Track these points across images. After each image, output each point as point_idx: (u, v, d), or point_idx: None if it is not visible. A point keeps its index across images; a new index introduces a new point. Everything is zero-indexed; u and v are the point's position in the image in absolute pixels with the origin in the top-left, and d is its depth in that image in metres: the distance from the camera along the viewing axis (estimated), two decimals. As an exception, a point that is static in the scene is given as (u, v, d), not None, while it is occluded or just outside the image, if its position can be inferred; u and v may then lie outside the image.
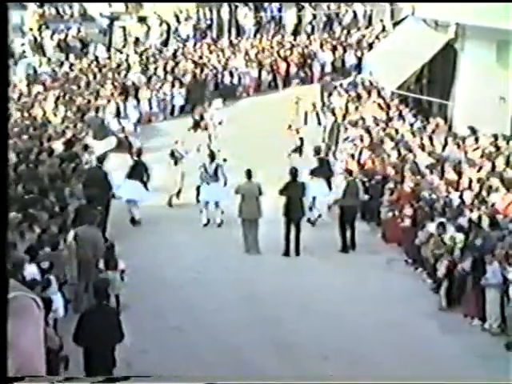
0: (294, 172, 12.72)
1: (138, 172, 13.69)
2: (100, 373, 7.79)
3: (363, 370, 8.67)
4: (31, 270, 9.08)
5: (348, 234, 12.83)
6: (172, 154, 14.97)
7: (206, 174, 13.65)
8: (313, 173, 13.78)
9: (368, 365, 8.89)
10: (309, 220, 13.61)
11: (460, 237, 10.84)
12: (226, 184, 13.71)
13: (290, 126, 17.67)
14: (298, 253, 12.61)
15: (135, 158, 14.04)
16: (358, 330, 9.90)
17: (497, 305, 9.86)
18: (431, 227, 11.53)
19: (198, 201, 14.08)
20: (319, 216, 13.85)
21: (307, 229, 13.00)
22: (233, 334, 9.78)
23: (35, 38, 25.04)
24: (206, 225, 13.70)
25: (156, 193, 14.26)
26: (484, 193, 12.22)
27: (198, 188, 13.95)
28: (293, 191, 12.52)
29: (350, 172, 13.30)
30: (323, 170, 13.90)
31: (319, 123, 18.12)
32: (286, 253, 12.57)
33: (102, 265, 10.30)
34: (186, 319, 10.24)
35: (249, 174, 12.78)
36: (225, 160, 14.64)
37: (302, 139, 16.21)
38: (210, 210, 13.77)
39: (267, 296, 10.99)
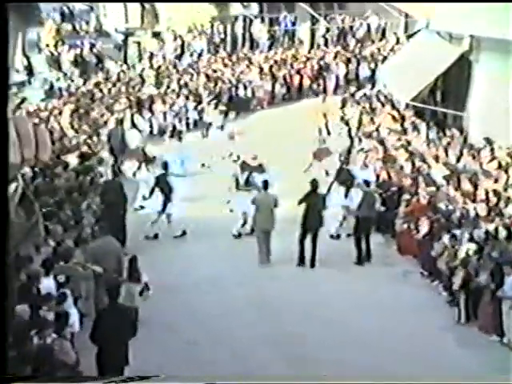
0: (314, 183, 12.70)
1: (163, 184, 13.81)
2: (113, 371, 7.99)
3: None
4: (47, 284, 9.12)
5: (363, 245, 12.77)
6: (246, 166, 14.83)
7: (237, 184, 13.94)
8: (340, 182, 13.83)
9: (384, 378, 8.81)
10: (334, 236, 13.69)
11: (474, 248, 10.74)
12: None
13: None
14: (313, 264, 12.57)
15: (162, 171, 14.19)
16: (373, 342, 9.82)
17: (514, 318, 9.75)
18: (447, 239, 11.45)
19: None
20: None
21: (322, 240, 12.96)
22: (243, 344, 9.75)
23: (52, 54, 25.36)
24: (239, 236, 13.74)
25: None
26: (501, 204, 12.12)
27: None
28: (312, 201, 12.48)
29: (367, 183, 13.26)
30: (347, 179, 13.90)
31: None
32: (301, 261, 12.56)
33: (124, 276, 10.36)
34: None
35: (265, 184, 12.79)
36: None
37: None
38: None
39: (280, 307, 10.96)
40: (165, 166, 14.28)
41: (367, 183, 13.22)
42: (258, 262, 12.60)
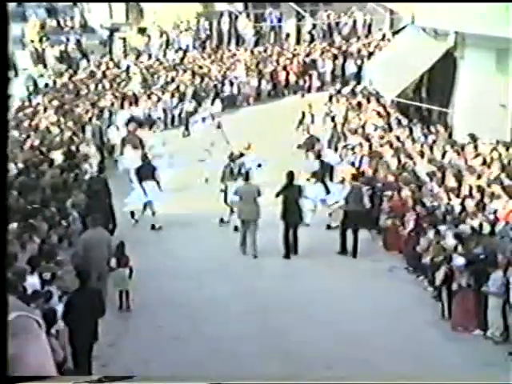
0: (290, 175, 12.88)
1: (148, 173, 14.05)
2: (83, 346, 8.54)
3: (366, 379, 8.63)
4: (32, 281, 9.08)
5: (350, 240, 12.85)
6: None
7: (231, 175, 14.09)
8: (313, 175, 14.03)
9: (370, 373, 8.86)
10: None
11: (458, 244, 10.80)
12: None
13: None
14: (296, 252, 12.75)
15: (141, 161, 14.48)
16: (359, 337, 9.87)
17: (498, 313, 9.81)
18: (432, 235, 11.52)
19: (226, 202, 14.17)
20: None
21: (308, 234, 13.06)
22: (231, 337, 9.77)
23: (36, 50, 25.17)
24: (236, 229, 13.67)
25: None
26: (486, 200, 12.20)
27: (225, 190, 14.16)
28: (289, 193, 12.69)
29: (354, 177, 13.34)
30: (323, 173, 14.16)
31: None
32: (287, 255, 12.70)
33: (113, 263, 10.78)
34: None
35: (247, 176, 13.08)
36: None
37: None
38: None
39: (266, 301, 11.00)
40: (144, 157, 14.60)
41: (354, 178, 13.32)
42: (240, 253, 12.79)
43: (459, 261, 10.39)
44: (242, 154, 14.82)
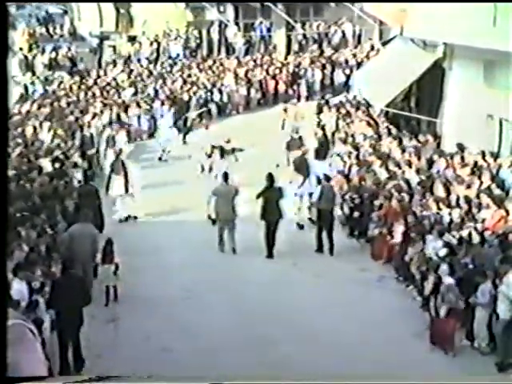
0: (270, 177, 13.24)
1: (119, 169, 14.79)
2: (69, 332, 8.87)
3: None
4: (19, 288, 9.00)
5: (325, 237, 13.27)
6: (221, 150, 16.38)
7: (202, 170, 15.15)
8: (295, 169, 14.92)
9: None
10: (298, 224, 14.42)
11: (446, 253, 10.81)
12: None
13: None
14: (271, 255, 13.06)
15: (113, 158, 15.35)
16: (348, 348, 9.85)
17: (484, 324, 9.82)
18: (420, 244, 11.54)
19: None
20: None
21: (296, 236, 13.45)
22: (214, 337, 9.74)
23: (25, 58, 25.13)
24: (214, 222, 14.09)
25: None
26: (474, 210, 12.24)
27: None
28: (269, 195, 13.05)
29: (327, 178, 13.69)
30: (301, 167, 15.00)
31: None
32: (269, 255, 13.04)
33: (98, 258, 11.14)
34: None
35: (226, 176, 13.42)
36: None
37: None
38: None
39: (251, 305, 11.04)
40: (119, 151, 15.39)
41: (328, 178, 13.66)
42: (218, 251, 13.14)
43: (447, 270, 10.37)
44: (222, 149, 15.85)
